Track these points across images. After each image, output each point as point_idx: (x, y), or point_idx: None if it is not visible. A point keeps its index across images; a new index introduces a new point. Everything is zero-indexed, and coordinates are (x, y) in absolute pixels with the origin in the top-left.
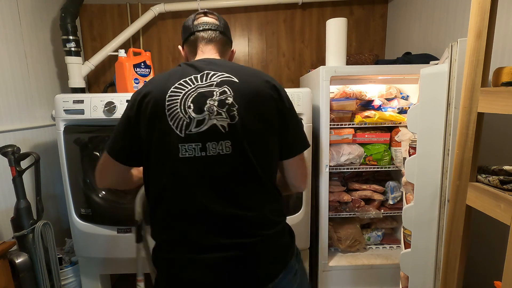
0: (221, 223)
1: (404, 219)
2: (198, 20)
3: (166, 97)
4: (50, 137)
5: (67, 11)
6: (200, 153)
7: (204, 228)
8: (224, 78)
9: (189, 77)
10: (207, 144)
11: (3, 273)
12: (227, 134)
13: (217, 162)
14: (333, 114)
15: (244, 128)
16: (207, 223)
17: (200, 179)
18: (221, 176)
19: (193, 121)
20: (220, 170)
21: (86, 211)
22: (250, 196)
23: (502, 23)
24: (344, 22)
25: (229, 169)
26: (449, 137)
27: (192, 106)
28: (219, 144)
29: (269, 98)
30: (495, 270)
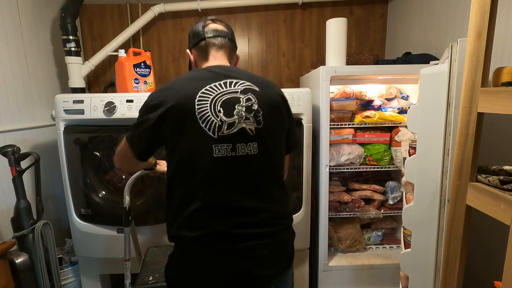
0: (251, 215)
1: (404, 219)
2: (208, 27)
3: (195, 101)
4: (50, 137)
5: (67, 11)
6: (231, 153)
7: (237, 221)
8: (247, 86)
9: (214, 83)
10: (237, 145)
11: (3, 273)
12: (254, 136)
13: (246, 161)
14: (333, 114)
15: (267, 131)
16: (240, 216)
17: (232, 177)
18: (249, 174)
19: (224, 123)
20: (248, 169)
21: (86, 211)
22: (271, 191)
23: (502, 23)
24: (344, 22)
25: (255, 167)
26: (449, 137)
27: (222, 110)
28: (248, 145)
29: (282, 106)
30: (495, 270)
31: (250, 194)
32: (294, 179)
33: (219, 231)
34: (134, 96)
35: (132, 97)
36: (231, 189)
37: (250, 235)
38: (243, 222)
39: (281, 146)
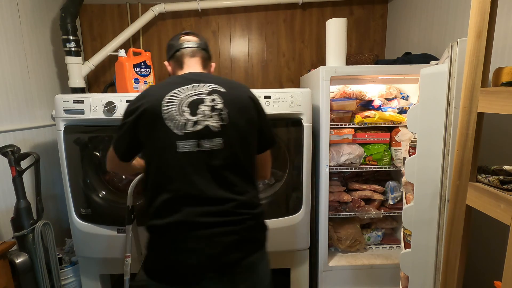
0: (217, 205)
1: (404, 219)
2: (182, 39)
3: (162, 104)
4: (50, 137)
5: (67, 11)
6: (196, 148)
7: (203, 210)
8: (213, 88)
9: (182, 86)
10: (201, 141)
11: (3, 273)
12: (219, 133)
13: (211, 156)
14: (333, 114)
15: (232, 128)
16: (206, 205)
17: (198, 170)
18: (215, 168)
19: (189, 122)
20: (213, 163)
21: (86, 211)
22: (237, 183)
23: (502, 23)
24: (344, 22)
25: (221, 162)
26: (449, 137)
27: (188, 110)
28: (212, 141)
29: (250, 105)
30: (495, 270)
31: (215, 186)
32: (294, 179)
33: (186, 220)
34: (134, 96)
35: (132, 97)
36: (197, 182)
37: (216, 222)
38: (209, 211)
39: (250, 142)
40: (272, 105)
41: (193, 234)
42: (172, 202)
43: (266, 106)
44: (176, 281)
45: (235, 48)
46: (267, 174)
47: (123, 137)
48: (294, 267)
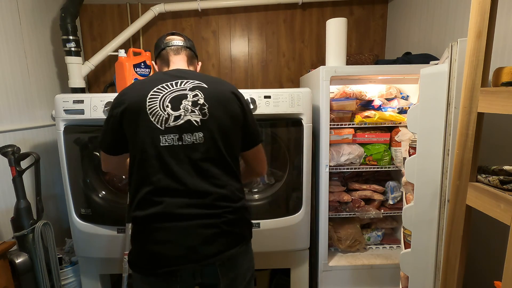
0: (197, 197)
1: (404, 219)
2: (167, 38)
3: (147, 99)
4: (50, 137)
5: (67, 11)
6: (177, 142)
7: (184, 202)
8: (196, 84)
9: (165, 83)
10: (183, 135)
11: (3, 273)
12: (200, 127)
13: (192, 149)
14: (333, 114)
15: (214, 122)
16: (186, 197)
17: (179, 163)
18: (196, 160)
19: (171, 116)
20: (195, 156)
21: (86, 211)
22: (219, 177)
23: (502, 23)
24: (344, 22)
25: (202, 155)
26: (449, 137)
27: (170, 105)
28: (193, 135)
29: (233, 101)
30: (495, 270)
31: (196, 179)
32: (294, 179)
33: (166, 211)
34: None
35: None
36: (178, 174)
37: (196, 215)
38: (189, 204)
39: (233, 137)
40: (272, 105)
41: (173, 226)
42: (153, 194)
43: (266, 106)
44: (157, 272)
45: (235, 48)
46: (262, 170)
47: (108, 131)
48: (294, 267)
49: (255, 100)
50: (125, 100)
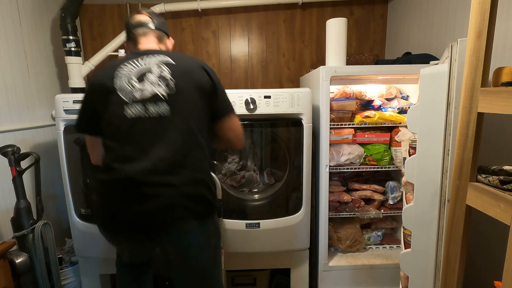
0: (158, 164)
1: (404, 219)
2: (134, 18)
3: (114, 76)
4: (50, 137)
5: (67, 11)
6: (144, 114)
7: (144, 168)
8: (163, 59)
9: (131, 59)
10: (148, 108)
11: (3, 273)
12: (166, 100)
13: (157, 121)
14: (333, 114)
15: (180, 95)
16: (149, 165)
17: (145, 134)
18: (161, 131)
19: (137, 90)
20: (160, 126)
21: (86, 211)
22: (183, 146)
23: (502, 23)
24: (344, 22)
25: (167, 126)
26: (449, 137)
27: (136, 80)
28: (159, 107)
29: (201, 73)
30: (495, 270)
31: (160, 148)
32: (294, 179)
33: (127, 177)
34: None
35: None
36: (142, 143)
37: (155, 182)
38: (150, 170)
39: (202, 110)
40: (272, 105)
41: (130, 191)
42: (119, 162)
43: (266, 106)
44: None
45: (235, 48)
46: (237, 142)
47: (81, 111)
48: (294, 267)
49: (255, 100)
50: (95, 79)
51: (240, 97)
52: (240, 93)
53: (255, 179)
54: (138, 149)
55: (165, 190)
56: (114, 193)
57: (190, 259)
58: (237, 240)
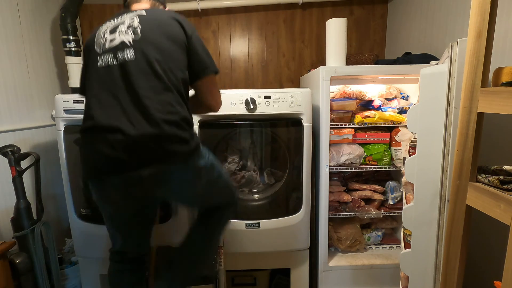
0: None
1: (404, 219)
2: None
3: (95, 35)
4: (50, 137)
5: (67, 11)
6: (112, 61)
7: (116, 115)
8: (135, 13)
9: (111, 18)
10: (117, 54)
11: (3, 273)
12: (132, 46)
13: (124, 66)
14: (333, 114)
15: (147, 42)
16: (120, 111)
17: (115, 80)
18: (129, 76)
19: (107, 41)
20: (127, 71)
21: (86, 211)
22: (152, 92)
23: (502, 23)
24: (344, 22)
25: (134, 70)
26: (449, 137)
27: (109, 32)
28: (125, 53)
29: (173, 24)
30: (495, 270)
31: (128, 94)
32: (294, 179)
33: (100, 124)
34: None
35: None
36: (114, 90)
37: (124, 130)
38: (121, 115)
39: (173, 59)
40: (272, 105)
41: (103, 137)
42: (92, 109)
43: (266, 106)
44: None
45: (235, 48)
46: (214, 105)
47: (80, 74)
48: (294, 267)
49: (255, 100)
50: (86, 42)
51: (240, 97)
52: (240, 93)
53: (255, 179)
54: (110, 96)
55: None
56: (93, 140)
57: (182, 194)
58: (237, 240)
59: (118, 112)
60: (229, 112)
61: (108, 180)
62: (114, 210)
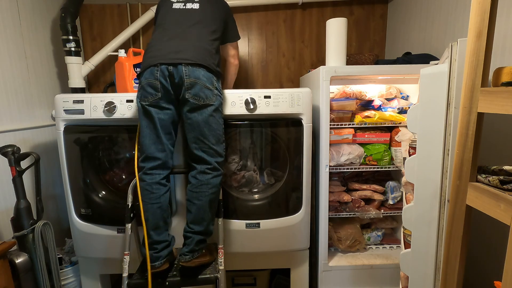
0: (185, 43)
1: (404, 219)
2: None
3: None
4: (50, 137)
5: (67, 11)
6: (184, 7)
7: (173, 36)
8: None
9: None
10: (186, 4)
11: (3, 273)
12: (196, 1)
13: (191, 13)
14: (333, 114)
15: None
16: (180, 40)
17: (182, 19)
18: (192, 19)
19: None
20: (191, 16)
21: (86, 211)
22: (202, 33)
23: (502, 23)
24: (344, 22)
25: (196, 17)
26: (449, 137)
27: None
28: (193, 4)
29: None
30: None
31: (189, 31)
32: (294, 179)
33: (166, 47)
34: (134, 96)
35: (132, 97)
36: (182, 25)
37: (177, 42)
38: (179, 43)
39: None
40: (272, 105)
41: (164, 44)
42: (159, 40)
43: (266, 106)
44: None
45: None
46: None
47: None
48: (294, 267)
49: (255, 100)
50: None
51: (240, 97)
52: (240, 93)
53: (255, 179)
54: (177, 29)
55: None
56: (155, 52)
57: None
58: (237, 240)
59: (179, 41)
60: (229, 112)
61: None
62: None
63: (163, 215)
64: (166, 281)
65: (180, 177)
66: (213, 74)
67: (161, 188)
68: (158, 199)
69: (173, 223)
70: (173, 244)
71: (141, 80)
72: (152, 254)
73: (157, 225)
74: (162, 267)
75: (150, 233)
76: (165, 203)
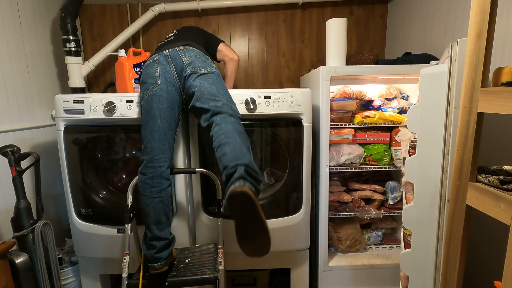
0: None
1: (404, 219)
2: None
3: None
4: (50, 137)
5: (67, 11)
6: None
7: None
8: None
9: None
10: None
11: (3, 273)
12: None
13: (177, 39)
14: (333, 114)
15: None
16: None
17: (172, 45)
18: (180, 42)
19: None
20: (178, 42)
21: (86, 211)
22: (193, 41)
23: (502, 23)
24: (344, 22)
25: (183, 42)
26: (449, 137)
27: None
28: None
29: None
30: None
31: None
32: (294, 179)
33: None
34: (134, 96)
35: (132, 97)
36: (172, 43)
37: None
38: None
39: (200, 40)
40: (272, 105)
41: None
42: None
43: (266, 106)
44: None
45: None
46: (232, 55)
47: None
48: (294, 267)
49: (255, 100)
50: None
51: (240, 97)
52: (240, 93)
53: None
54: (177, 39)
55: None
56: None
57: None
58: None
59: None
60: None
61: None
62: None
63: (165, 209)
64: (166, 282)
65: (180, 177)
66: (207, 55)
67: (162, 182)
68: (159, 193)
69: (173, 223)
70: (173, 245)
71: (142, 78)
72: (152, 255)
73: (158, 220)
74: (162, 268)
75: (151, 228)
76: (167, 198)
